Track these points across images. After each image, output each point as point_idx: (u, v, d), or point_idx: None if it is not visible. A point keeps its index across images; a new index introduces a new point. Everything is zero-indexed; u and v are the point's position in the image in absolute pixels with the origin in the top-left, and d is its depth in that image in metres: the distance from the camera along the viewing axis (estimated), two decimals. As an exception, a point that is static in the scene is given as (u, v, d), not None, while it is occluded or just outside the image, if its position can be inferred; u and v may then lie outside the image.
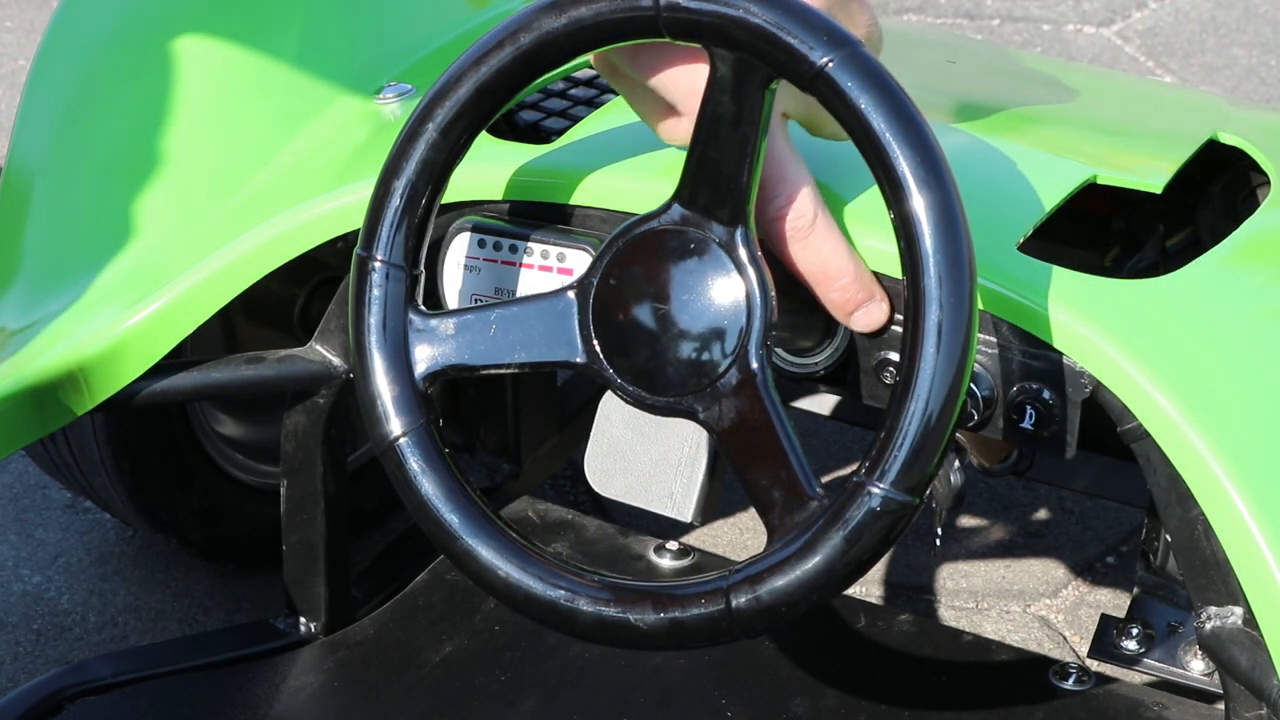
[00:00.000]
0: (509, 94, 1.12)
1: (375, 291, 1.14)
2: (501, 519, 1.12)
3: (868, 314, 1.14)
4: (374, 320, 1.14)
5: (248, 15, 1.47)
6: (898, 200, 1.02)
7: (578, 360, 1.12)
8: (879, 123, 1.02)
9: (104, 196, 1.42)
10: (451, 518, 1.12)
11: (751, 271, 1.08)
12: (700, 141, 1.08)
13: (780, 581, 1.05)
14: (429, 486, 1.12)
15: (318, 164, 1.40)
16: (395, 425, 1.13)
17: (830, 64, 1.03)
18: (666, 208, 1.10)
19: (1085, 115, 1.46)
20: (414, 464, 1.13)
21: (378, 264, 1.14)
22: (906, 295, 1.03)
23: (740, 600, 1.05)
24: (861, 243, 1.15)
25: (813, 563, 1.04)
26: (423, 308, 1.14)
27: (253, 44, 1.46)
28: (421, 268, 1.15)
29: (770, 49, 1.04)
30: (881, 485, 1.02)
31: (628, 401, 1.12)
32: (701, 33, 1.05)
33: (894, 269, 1.13)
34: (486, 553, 1.11)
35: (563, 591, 1.09)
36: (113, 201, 1.42)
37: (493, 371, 1.14)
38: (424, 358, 1.14)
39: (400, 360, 1.13)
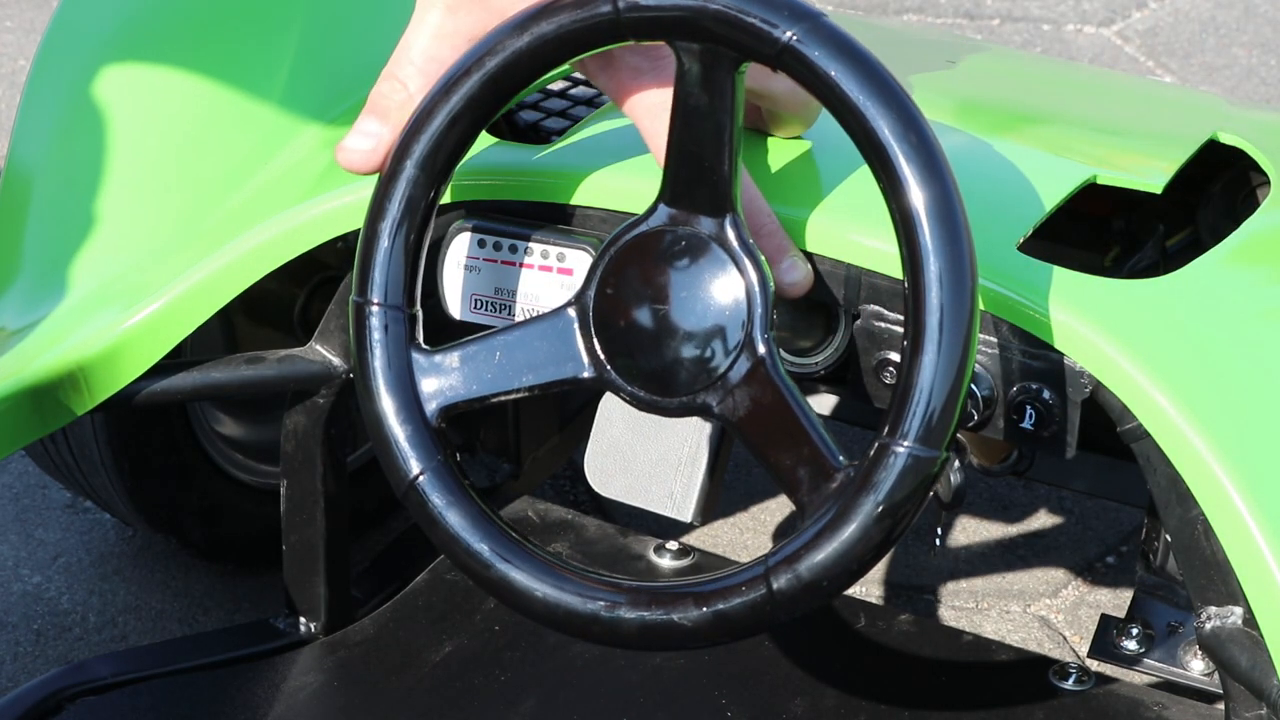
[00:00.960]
0: (484, 119, 1.13)
1: (376, 335, 1.14)
2: (530, 542, 1.12)
3: (794, 268, 1.14)
4: (378, 364, 1.14)
5: (248, 15, 1.47)
6: (882, 164, 1.02)
7: (585, 375, 1.12)
8: (852, 89, 1.02)
9: (104, 196, 1.42)
10: (481, 548, 1.12)
11: (746, 258, 1.08)
12: (676, 137, 1.08)
13: (819, 556, 1.04)
14: (454, 520, 1.12)
15: (318, 164, 1.40)
16: (413, 465, 1.13)
17: (795, 37, 1.03)
18: (653, 210, 1.10)
19: (1085, 115, 1.46)
20: (436, 500, 1.13)
21: (374, 308, 1.14)
22: (905, 262, 1.03)
23: (781, 582, 1.05)
24: (856, 238, 1.15)
25: (848, 531, 1.03)
26: (424, 345, 1.14)
27: (253, 44, 1.46)
28: (418, 306, 1.15)
29: (734, 33, 1.04)
30: (906, 443, 1.02)
31: (639, 407, 1.12)
32: (664, 28, 1.05)
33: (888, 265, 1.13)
34: (521, 578, 1.11)
35: (602, 603, 1.09)
36: (113, 202, 1.42)
37: (502, 399, 1.14)
38: (432, 395, 1.14)
39: (410, 401, 1.14)
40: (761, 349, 1.08)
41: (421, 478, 1.13)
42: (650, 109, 1.12)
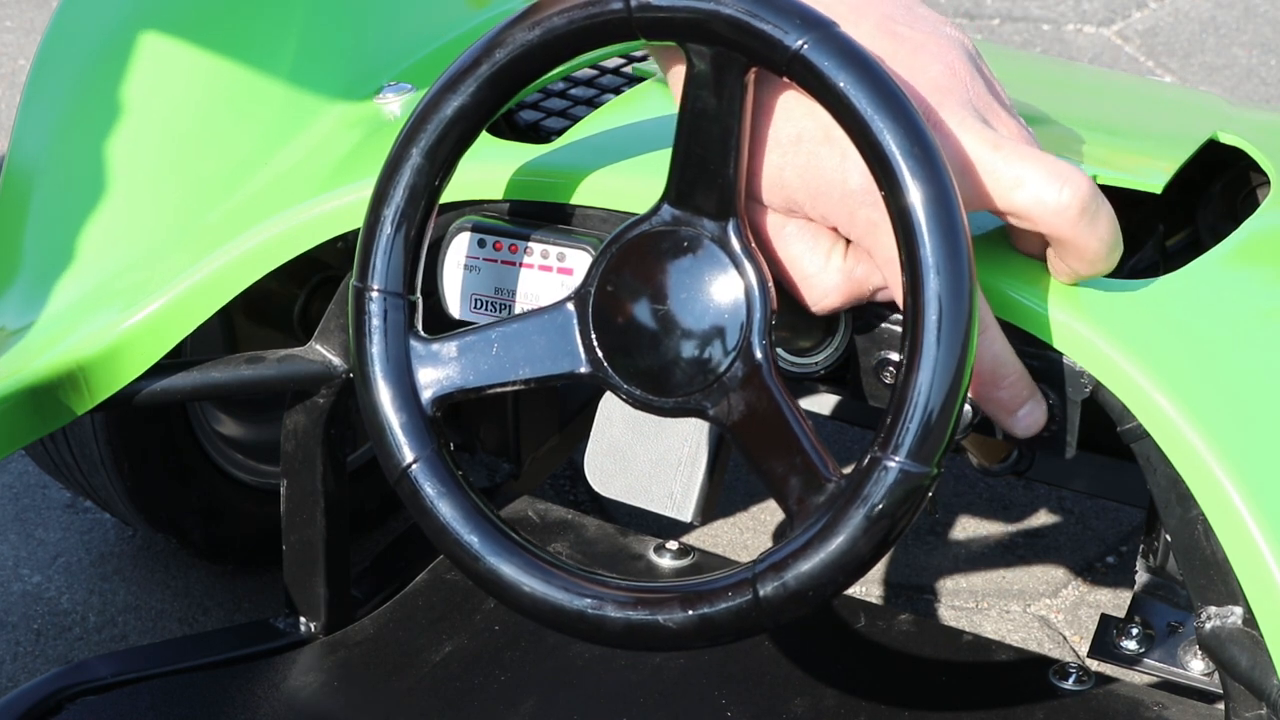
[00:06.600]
0: (490, 112, 1.12)
1: (375, 322, 1.14)
2: (520, 535, 1.12)
3: (1031, 413, 1.13)
4: (376, 351, 1.14)
5: (248, 15, 1.47)
6: (887, 180, 1.02)
7: (582, 370, 1.12)
8: (860, 101, 1.02)
9: (104, 196, 1.42)
10: (471, 539, 1.12)
11: (747, 263, 1.08)
12: (683, 138, 1.08)
13: (806, 565, 1.04)
14: (446, 510, 1.12)
15: (318, 164, 1.40)
16: (406, 453, 1.13)
17: (805, 46, 1.02)
18: (656, 209, 1.10)
19: (1085, 115, 1.46)
20: (428, 489, 1.13)
21: (374, 294, 1.14)
22: (905, 276, 1.02)
23: (768, 589, 1.05)
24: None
25: (836, 543, 1.03)
26: (423, 333, 1.14)
27: (253, 44, 1.46)
28: (419, 293, 1.15)
29: (744, 38, 1.03)
30: (897, 458, 1.02)
31: (635, 406, 1.12)
32: (675, 30, 1.05)
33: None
34: (510, 571, 1.11)
35: (589, 600, 1.09)
36: (113, 201, 1.42)
37: (499, 390, 1.14)
38: (429, 383, 1.14)
39: (406, 388, 1.14)
40: (759, 355, 1.08)
41: (415, 466, 1.13)
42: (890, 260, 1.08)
